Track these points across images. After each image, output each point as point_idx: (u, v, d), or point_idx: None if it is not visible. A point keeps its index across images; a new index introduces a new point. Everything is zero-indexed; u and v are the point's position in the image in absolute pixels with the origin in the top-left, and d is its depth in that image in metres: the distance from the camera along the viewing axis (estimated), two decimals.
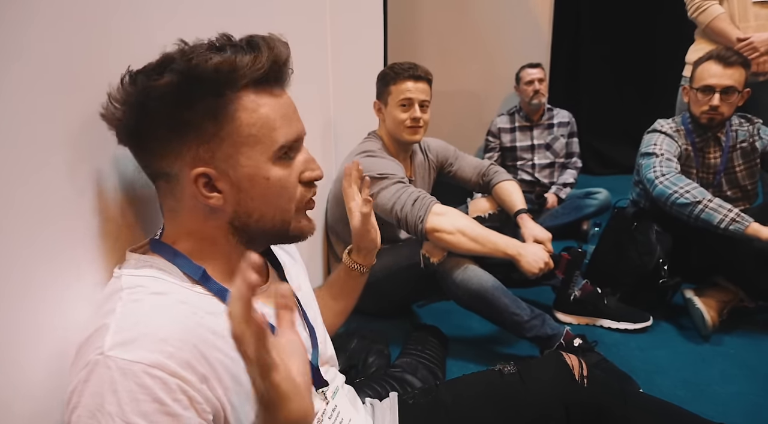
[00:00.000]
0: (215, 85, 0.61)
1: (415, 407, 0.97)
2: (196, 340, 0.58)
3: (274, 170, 0.66)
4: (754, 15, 2.15)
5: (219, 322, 0.62)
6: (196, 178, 0.63)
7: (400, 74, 1.65)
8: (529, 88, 2.70)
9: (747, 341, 1.66)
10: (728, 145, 1.90)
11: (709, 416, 1.01)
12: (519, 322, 1.49)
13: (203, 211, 0.66)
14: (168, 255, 0.66)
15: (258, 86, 0.64)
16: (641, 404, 0.97)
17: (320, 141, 1.77)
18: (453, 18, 3.32)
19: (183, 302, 0.61)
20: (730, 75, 1.76)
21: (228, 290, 0.66)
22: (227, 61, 0.60)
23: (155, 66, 0.62)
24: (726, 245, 1.66)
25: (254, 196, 0.65)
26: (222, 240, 0.68)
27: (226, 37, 0.64)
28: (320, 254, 1.86)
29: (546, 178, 2.80)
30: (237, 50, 0.61)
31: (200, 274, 0.65)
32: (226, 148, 0.63)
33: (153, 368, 0.53)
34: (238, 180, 0.64)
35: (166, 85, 0.60)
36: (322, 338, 0.82)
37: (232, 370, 0.61)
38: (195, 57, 0.60)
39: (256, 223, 0.67)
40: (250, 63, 0.61)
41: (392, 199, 1.54)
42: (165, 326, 0.56)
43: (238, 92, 0.62)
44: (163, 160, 0.64)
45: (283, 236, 0.71)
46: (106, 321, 0.56)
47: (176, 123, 0.61)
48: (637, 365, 1.53)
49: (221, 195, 0.64)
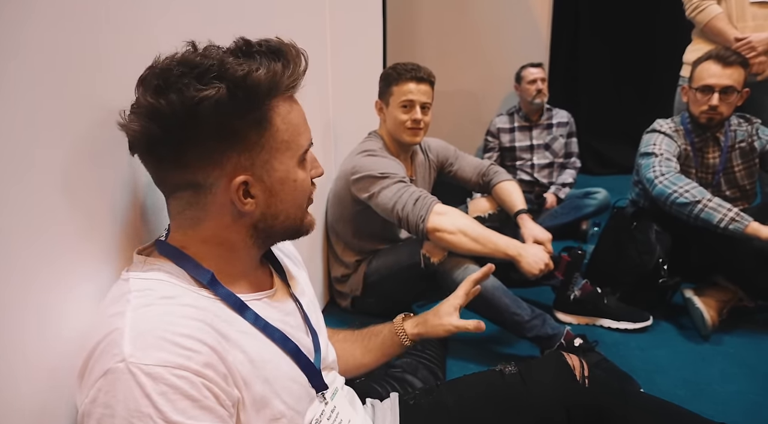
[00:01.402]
0: (264, 94, 0.63)
1: (416, 407, 0.97)
2: (212, 342, 0.58)
3: (300, 173, 0.70)
4: (752, 15, 2.15)
5: (228, 327, 0.62)
6: (238, 186, 0.64)
7: (402, 75, 1.65)
8: (532, 88, 2.70)
9: (747, 341, 1.66)
10: (727, 145, 1.90)
11: (710, 415, 1.01)
12: (519, 322, 1.49)
13: (232, 217, 0.66)
14: (175, 258, 0.66)
15: (286, 94, 0.67)
16: (642, 405, 0.97)
17: (321, 141, 1.77)
18: (452, 18, 3.32)
19: (193, 306, 0.60)
20: (729, 75, 1.76)
21: (235, 295, 0.66)
22: (271, 73, 0.62)
23: (196, 75, 0.59)
24: (725, 245, 1.67)
25: (284, 198, 0.68)
26: (240, 244, 0.69)
27: (248, 43, 0.64)
28: (320, 254, 1.86)
29: (545, 178, 2.80)
30: (267, 59, 0.63)
31: (208, 278, 0.65)
32: (264, 155, 0.65)
33: (178, 370, 0.54)
34: (272, 184, 0.67)
35: (219, 95, 0.59)
36: (324, 344, 0.82)
37: (243, 374, 0.61)
38: (236, 66, 0.60)
39: (282, 223, 0.70)
40: (290, 73, 0.64)
41: (393, 199, 1.54)
42: (181, 329, 0.56)
43: (274, 100, 0.65)
44: (199, 171, 0.63)
45: (297, 232, 0.74)
46: (117, 326, 0.55)
47: (225, 133, 0.62)
48: (638, 365, 1.53)
49: (254, 200, 0.66)
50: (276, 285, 0.77)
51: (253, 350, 0.64)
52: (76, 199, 0.65)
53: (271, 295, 0.74)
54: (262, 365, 0.64)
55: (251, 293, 0.70)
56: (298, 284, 0.83)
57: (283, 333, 0.69)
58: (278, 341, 0.69)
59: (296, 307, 0.79)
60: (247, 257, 0.71)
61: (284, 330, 0.70)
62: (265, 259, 0.79)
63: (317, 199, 1.83)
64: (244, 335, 0.64)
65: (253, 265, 0.74)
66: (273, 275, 0.79)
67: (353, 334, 1.04)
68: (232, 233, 0.68)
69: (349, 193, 1.68)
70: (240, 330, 0.64)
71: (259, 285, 0.74)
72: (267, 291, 0.73)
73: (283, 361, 0.69)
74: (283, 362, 0.69)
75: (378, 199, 1.57)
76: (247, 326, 0.66)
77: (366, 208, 1.65)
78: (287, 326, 0.72)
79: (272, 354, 0.67)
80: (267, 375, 0.64)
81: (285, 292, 0.79)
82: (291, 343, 0.70)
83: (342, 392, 0.83)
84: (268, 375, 0.64)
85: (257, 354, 0.64)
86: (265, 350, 0.66)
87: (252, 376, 0.62)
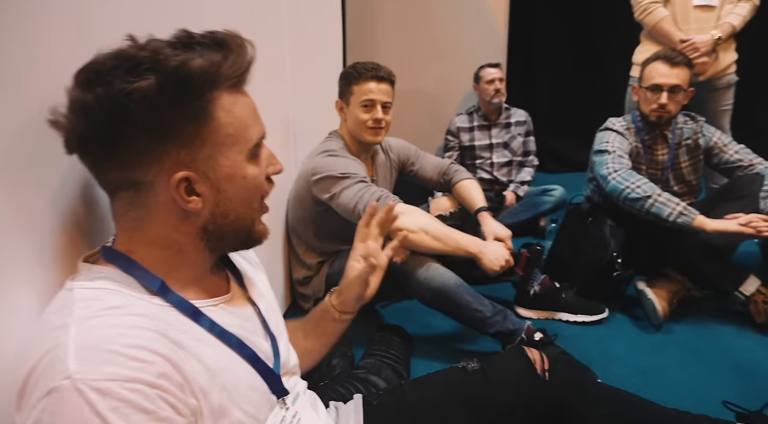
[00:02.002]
0: (200, 86, 0.60)
1: (379, 408, 0.97)
2: (166, 351, 0.56)
3: (250, 168, 0.66)
4: (695, 18, 2.26)
5: (183, 335, 0.60)
6: (178, 183, 0.61)
7: (363, 74, 1.64)
8: (490, 88, 2.75)
9: (695, 329, 1.74)
10: (674, 142, 1.98)
11: (663, 401, 1.05)
12: (481, 318, 1.51)
13: (177, 217, 0.64)
14: (123, 265, 0.62)
15: (231, 86, 0.64)
16: (599, 397, 1.00)
17: (280, 141, 1.74)
18: (411, 18, 3.34)
19: (144, 315, 0.58)
20: (676, 74, 1.84)
21: (188, 302, 0.64)
22: (213, 63, 0.60)
23: (127, 68, 0.57)
24: (674, 237, 1.74)
25: (232, 196, 0.65)
26: (189, 247, 0.66)
27: (189, 34, 0.62)
28: (281, 256, 1.83)
29: (504, 176, 2.85)
30: (209, 49, 0.60)
31: (158, 285, 0.62)
32: (207, 150, 0.62)
33: (130, 383, 0.51)
34: (218, 181, 0.64)
35: (150, 87, 0.56)
36: (285, 348, 0.80)
37: (200, 383, 0.58)
38: (172, 57, 0.58)
39: (232, 223, 0.67)
40: (231, 64, 0.61)
41: (355, 199, 1.53)
42: (132, 341, 0.53)
43: (215, 92, 0.62)
44: (138, 168, 0.60)
45: (248, 238, 0.72)
46: (60, 341, 0.52)
47: (160, 128, 0.59)
48: (595, 356, 1.58)
49: (200, 198, 0.63)
50: (232, 290, 0.75)
51: (210, 358, 0.61)
52: (11, 200, 0.61)
53: (227, 300, 0.71)
54: (219, 373, 0.62)
55: (206, 299, 0.68)
56: (256, 288, 0.81)
57: (240, 339, 0.67)
58: (235, 347, 0.66)
59: (254, 312, 0.76)
60: (198, 261, 0.68)
61: (241, 336, 0.68)
62: (222, 263, 0.77)
63: (277, 200, 1.80)
64: (199, 343, 0.61)
65: (206, 270, 0.71)
66: (229, 279, 0.76)
67: (296, 322, 1.02)
68: (179, 234, 0.65)
69: (310, 194, 1.65)
70: (195, 338, 0.62)
71: (214, 290, 0.71)
72: (223, 296, 0.71)
73: (241, 368, 0.67)
74: (241, 370, 0.67)
75: (339, 200, 1.56)
76: (202, 333, 0.63)
77: (327, 209, 1.64)
78: (245, 332, 0.70)
79: (229, 361, 0.65)
80: (224, 383, 0.62)
81: (242, 296, 0.77)
82: (248, 349, 0.68)
83: (304, 397, 0.82)
84: (226, 383, 0.62)
85: (214, 362, 0.61)
86: (222, 358, 0.64)
87: (209, 385, 0.60)
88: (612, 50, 3.41)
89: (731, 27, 2.21)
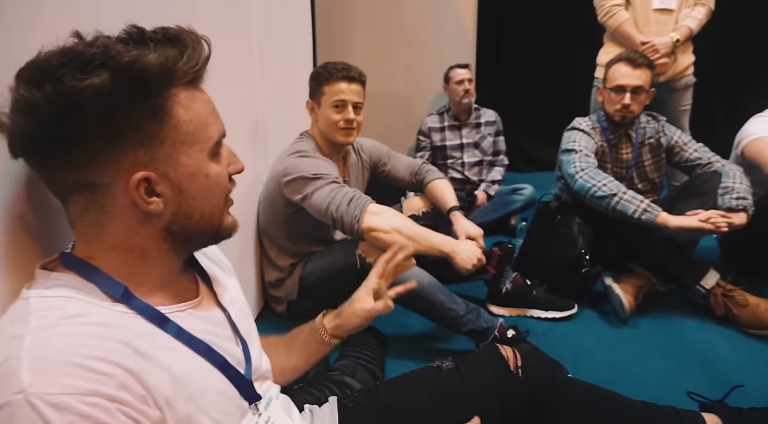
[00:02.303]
0: (156, 82, 0.58)
1: (355, 410, 0.96)
2: (127, 362, 0.53)
3: (212, 167, 0.65)
4: (655, 21, 2.34)
5: (147, 344, 0.58)
6: (137, 184, 0.59)
7: (333, 75, 1.63)
8: (460, 88, 2.78)
9: (660, 322, 1.80)
10: (638, 141, 2.05)
11: (631, 394, 1.08)
12: (455, 317, 1.52)
13: (137, 219, 0.61)
14: (84, 272, 0.60)
15: (188, 83, 0.62)
16: (570, 392, 1.02)
17: (250, 141, 1.71)
18: (381, 18, 3.34)
19: (104, 324, 0.55)
20: (638, 75, 1.90)
21: (154, 308, 0.62)
22: (169, 58, 0.58)
23: (77, 64, 0.54)
24: (639, 234, 1.79)
25: (195, 195, 0.64)
26: (153, 250, 0.64)
27: (140, 30, 0.59)
28: (252, 258, 1.81)
29: (475, 175, 2.88)
30: (162, 45, 0.58)
31: (121, 291, 0.60)
32: (166, 149, 0.60)
33: (88, 396, 0.49)
34: (179, 181, 0.62)
35: (103, 83, 0.54)
36: (257, 353, 0.78)
37: (164, 393, 0.57)
38: (124, 53, 0.55)
39: (197, 223, 0.65)
40: (187, 59, 0.60)
41: (327, 200, 1.52)
42: (91, 351, 0.51)
43: (172, 88, 0.60)
44: (93, 169, 0.58)
45: (216, 235, 0.70)
46: (14, 352, 0.49)
47: (115, 127, 0.57)
48: (565, 351, 1.61)
49: (161, 199, 0.61)
50: (201, 294, 0.72)
51: (176, 366, 0.59)
52: None
53: (195, 305, 0.69)
54: (185, 381, 0.60)
55: (173, 305, 0.66)
56: (227, 292, 0.79)
57: (209, 345, 0.66)
58: (203, 353, 0.64)
59: (224, 316, 0.74)
60: (163, 264, 0.66)
61: (210, 342, 0.66)
62: (189, 267, 0.75)
63: (249, 202, 1.77)
64: (165, 351, 0.60)
65: (172, 273, 0.69)
66: (198, 283, 0.74)
67: (278, 338, 1.00)
68: (142, 237, 0.63)
69: (282, 195, 1.63)
70: (161, 346, 0.60)
71: (181, 295, 0.69)
72: (191, 301, 0.69)
73: (209, 375, 0.65)
74: (209, 376, 0.65)
75: (311, 201, 1.55)
76: (168, 340, 0.61)
77: (299, 211, 1.62)
78: (214, 337, 0.68)
79: (197, 368, 0.63)
80: (192, 392, 0.60)
81: (212, 301, 0.75)
82: (217, 355, 0.66)
83: (277, 402, 0.80)
84: (193, 391, 0.60)
85: (180, 370, 0.60)
86: (189, 365, 0.62)
87: (175, 394, 0.58)
88: (577, 52, 3.49)
89: (688, 30, 2.31)
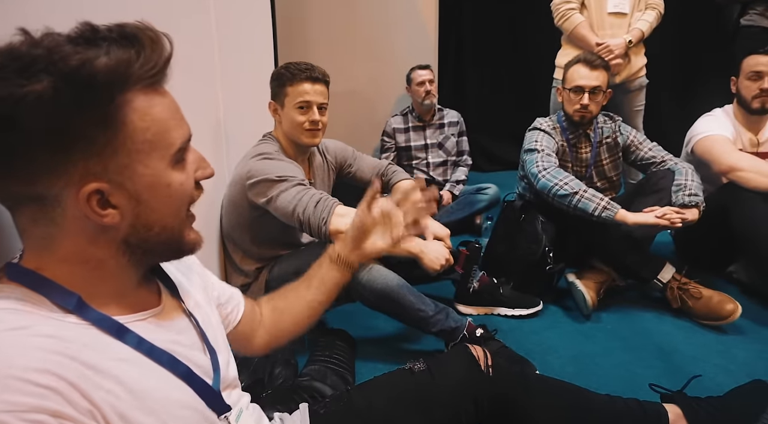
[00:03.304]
0: (107, 88, 0.53)
1: (327, 416, 0.95)
2: (73, 376, 0.50)
3: (175, 175, 0.60)
4: (609, 24, 2.43)
5: (99, 356, 0.54)
6: (88, 196, 0.54)
7: (297, 75, 1.60)
8: (421, 89, 2.79)
9: (620, 316, 1.85)
10: (596, 141, 2.11)
11: (596, 387, 1.11)
12: (424, 318, 1.52)
13: (91, 232, 0.57)
14: (31, 283, 0.56)
15: (147, 86, 0.57)
16: (541, 389, 1.04)
17: (211, 144, 1.66)
18: (342, 19, 3.32)
19: (50, 336, 0.52)
20: (596, 76, 1.96)
21: (111, 318, 0.58)
22: (122, 61, 0.53)
23: (18, 68, 0.49)
24: (599, 231, 1.85)
25: (155, 206, 0.59)
26: (110, 262, 0.60)
27: (93, 28, 0.55)
28: (216, 264, 1.75)
29: (440, 176, 2.90)
30: (117, 45, 0.53)
31: (74, 302, 0.56)
32: (121, 159, 0.55)
33: (29, 413, 0.45)
34: (137, 192, 0.57)
35: (45, 91, 0.49)
36: (225, 361, 0.75)
37: (117, 408, 0.53)
38: (72, 55, 0.50)
39: (157, 235, 0.61)
40: (144, 62, 0.55)
41: (293, 202, 1.49)
42: (33, 364, 0.48)
43: (126, 94, 0.55)
44: (39, 181, 0.53)
45: (178, 249, 0.66)
46: None
47: (61, 136, 0.52)
48: (532, 348, 1.64)
49: (117, 211, 0.57)
50: (164, 302, 0.69)
51: (134, 378, 0.56)
52: None
53: (157, 313, 0.66)
54: (144, 394, 0.57)
55: (132, 314, 0.62)
56: (191, 298, 0.75)
57: (172, 356, 0.62)
58: (167, 365, 0.61)
59: (190, 323, 0.71)
60: (122, 275, 0.62)
61: (174, 351, 0.63)
62: (152, 274, 0.71)
63: (211, 207, 1.72)
64: (122, 363, 0.56)
65: (130, 283, 0.65)
66: (161, 291, 0.71)
67: (293, 283, 0.99)
68: (97, 249, 0.59)
69: (246, 198, 1.59)
70: (117, 358, 0.56)
71: (142, 304, 0.65)
72: (152, 310, 0.65)
73: (173, 387, 0.62)
74: (173, 389, 0.62)
75: (277, 204, 1.51)
76: (127, 351, 0.58)
77: (264, 214, 1.58)
78: (178, 347, 0.65)
79: (159, 381, 0.60)
80: (152, 406, 0.57)
81: (176, 308, 0.71)
82: (182, 366, 0.63)
83: (247, 412, 0.78)
84: (154, 405, 0.57)
85: (138, 383, 0.57)
86: (149, 377, 0.59)
87: (131, 408, 0.55)
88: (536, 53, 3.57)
89: (640, 32, 2.40)
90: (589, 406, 1.04)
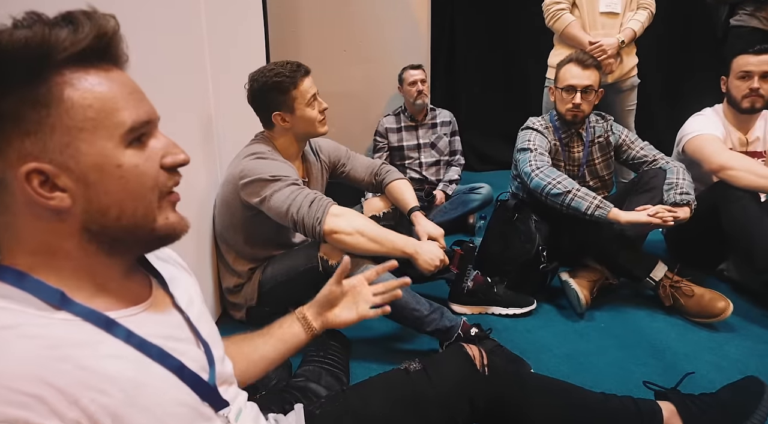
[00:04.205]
0: (27, 64, 0.52)
1: (322, 416, 0.94)
2: (61, 381, 0.49)
3: (127, 156, 0.58)
4: (602, 24, 2.44)
5: (90, 353, 0.53)
6: (27, 176, 0.53)
7: (295, 76, 1.60)
8: (413, 89, 2.79)
9: (614, 315, 1.86)
10: (588, 140, 2.12)
11: (590, 385, 1.11)
12: (419, 317, 1.52)
13: (46, 218, 0.56)
14: (13, 279, 0.55)
15: (86, 64, 0.56)
16: (537, 387, 1.04)
17: (202, 143, 1.65)
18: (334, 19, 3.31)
19: (37, 336, 0.51)
20: (588, 76, 1.96)
21: (98, 312, 0.57)
22: (38, 35, 0.52)
23: None
24: (592, 229, 1.85)
25: (107, 189, 0.57)
26: (77, 252, 0.58)
27: (35, 15, 0.54)
28: (209, 264, 1.74)
29: (433, 175, 2.90)
30: (50, 25, 0.53)
31: (58, 297, 0.55)
32: (60, 137, 0.54)
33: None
34: (84, 173, 0.55)
35: None
36: (220, 356, 0.74)
37: (110, 408, 0.52)
38: None
39: (116, 221, 0.58)
40: (69, 36, 0.53)
41: (287, 202, 1.48)
42: (18, 369, 0.47)
43: (60, 70, 0.54)
44: None
45: (151, 237, 0.62)
46: None
47: None
48: (526, 347, 1.64)
49: (66, 194, 0.55)
50: (155, 296, 0.67)
51: (126, 376, 0.55)
52: None
53: (147, 307, 0.64)
54: (137, 391, 0.56)
55: (122, 308, 0.61)
56: (184, 293, 0.74)
57: (163, 349, 0.61)
58: (157, 358, 0.60)
59: (183, 319, 0.70)
60: (99, 267, 0.60)
61: (166, 346, 0.62)
62: (142, 268, 0.70)
63: (204, 205, 1.71)
64: (112, 360, 0.55)
65: (114, 276, 0.63)
66: (152, 285, 0.69)
67: (252, 333, 0.99)
68: (59, 238, 0.57)
69: (239, 198, 1.58)
70: (107, 354, 0.55)
71: (131, 298, 0.64)
72: (142, 304, 0.64)
73: (166, 383, 0.60)
74: (166, 385, 0.60)
75: (270, 203, 1.50)
76: (118, 346, 0.57)
77: (258, 214, 1.57)
78: (171, 341, 0.64)
79: (151, 376, 0.59)
80: (146, 402, 0.56)
81: (168, 303, 0.70)
82: (174, 360, 0.62)
83: (246, 411, 0.77)
84: (148, 403, 0.56)
85: (130, 381, 0.55)
86: (141, 373, 0.58)
87: (125, 406, 0.54)
88: (529, 53, 3.58)
89: (632, 32, 2.42)
90: (584, 404, 1.04)
